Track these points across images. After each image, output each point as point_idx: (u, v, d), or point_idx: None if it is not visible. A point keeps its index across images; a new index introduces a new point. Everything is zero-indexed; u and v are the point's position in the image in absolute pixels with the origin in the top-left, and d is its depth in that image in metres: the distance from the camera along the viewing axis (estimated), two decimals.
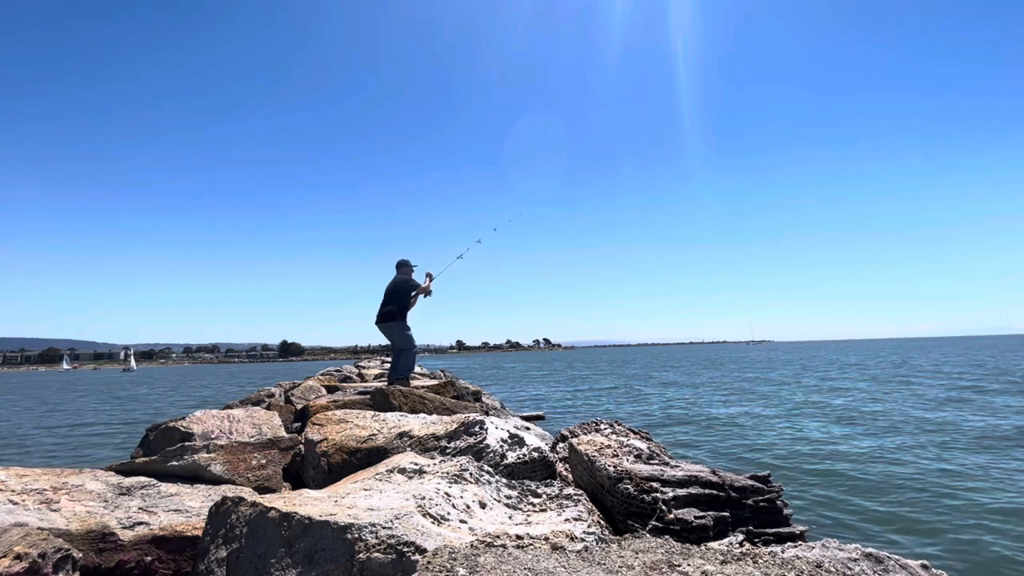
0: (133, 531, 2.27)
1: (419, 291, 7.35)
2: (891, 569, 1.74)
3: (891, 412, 12.59)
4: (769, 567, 1.58)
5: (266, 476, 3.17)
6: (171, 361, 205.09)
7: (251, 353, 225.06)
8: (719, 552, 1.71)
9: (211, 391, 30.55)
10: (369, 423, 3.42)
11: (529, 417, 7.67)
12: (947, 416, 11.70)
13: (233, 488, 2.86)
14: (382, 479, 2.35)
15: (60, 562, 1.81)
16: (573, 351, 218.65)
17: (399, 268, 7.55)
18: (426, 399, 4.85)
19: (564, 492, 2.31)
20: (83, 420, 17.14)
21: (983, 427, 10.21)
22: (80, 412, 19.84)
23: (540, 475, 3.03)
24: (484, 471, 2.43)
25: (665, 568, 1.55)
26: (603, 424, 3.98)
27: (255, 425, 4.10)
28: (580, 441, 3.16)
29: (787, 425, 11.33)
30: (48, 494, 2.41)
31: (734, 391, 19.37)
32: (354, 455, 3.07)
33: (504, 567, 1.50)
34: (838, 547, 1.88)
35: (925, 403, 14.10)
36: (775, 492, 2.60)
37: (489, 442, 3.10)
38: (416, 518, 1.86)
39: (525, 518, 2.08)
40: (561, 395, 20.70)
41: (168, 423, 4.00)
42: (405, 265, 7.57)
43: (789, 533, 2.44)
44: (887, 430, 10.27)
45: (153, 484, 2.75)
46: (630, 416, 13.74)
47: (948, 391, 16.76)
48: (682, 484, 2.55)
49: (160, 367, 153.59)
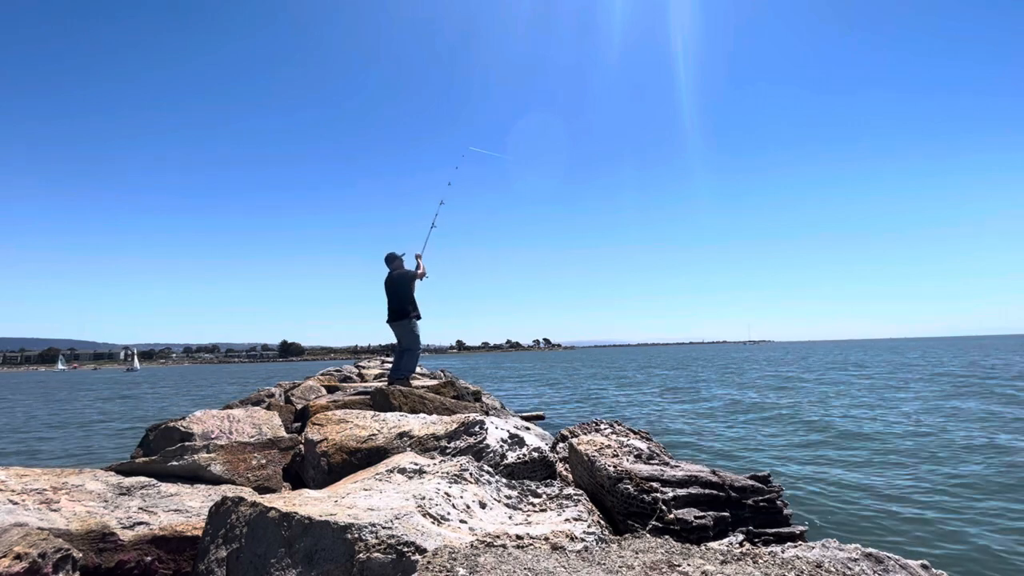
0: (133, 531, 2.27)
1: (417, 277, 7.37)
2: (891, 569, 1.74)
3: (891, 412, 12.59)
4: (769, 567, 1.58)
5: (266, 476, 3.17)
6: (171, 361, 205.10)
7: (251, 353, 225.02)
8: (719, 552, 1.71)
9: (211, 391, 30.54)
10: (369, 423, 3.42)
11: (529, 417, 7.67)
12: (947, 416, 11.70)
13: (233, 488, 2.86)
14: (382, 479, 2.35)
15: (60, 562, 1.81)
16: (573, 351, 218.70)
17: (390, 263, 7.54)
18: (426, 399, 4.86)
19: (564, 492, 2.31)
20: (84, 420, 17.14)
21: (983, 426, 10.21)
22: (81, 412, 19.83)
23: (540, 475, 3.03)
24: (484, 471, 2.43)
25: (665, 568, 1.55)
26: (603, 424, 3.98)
27: (255, 425, 4.10)
28: (580, 441, 3.16)
29: (787, 425, 11.34)
30: (48, 494, 2.41)
31: (733, 391, 19.38)
32: (354, 455, 3.07)
33: (504, 567, 1.50)
34: (838, 547, 1.88)
35: (925, 403, 14.10)
36: (775, 492, 2.60)
37: (489, 442, 3.10)
38: (416, 518, 1.86)
39: (525, 518, 2.08)
40: (561, 395, 20.70)
41: (168, 423, 4.00)
42: (395, 258, 7.56)
43: (789, 533, 2.44)
44: (887, 430, 10.27)
45: (153, 484, 2.75)
46: (630, 416, 13.74)
47: (948, 391, 16.76)
48: (682, 484, 2.55)
49: (160, 367, 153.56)
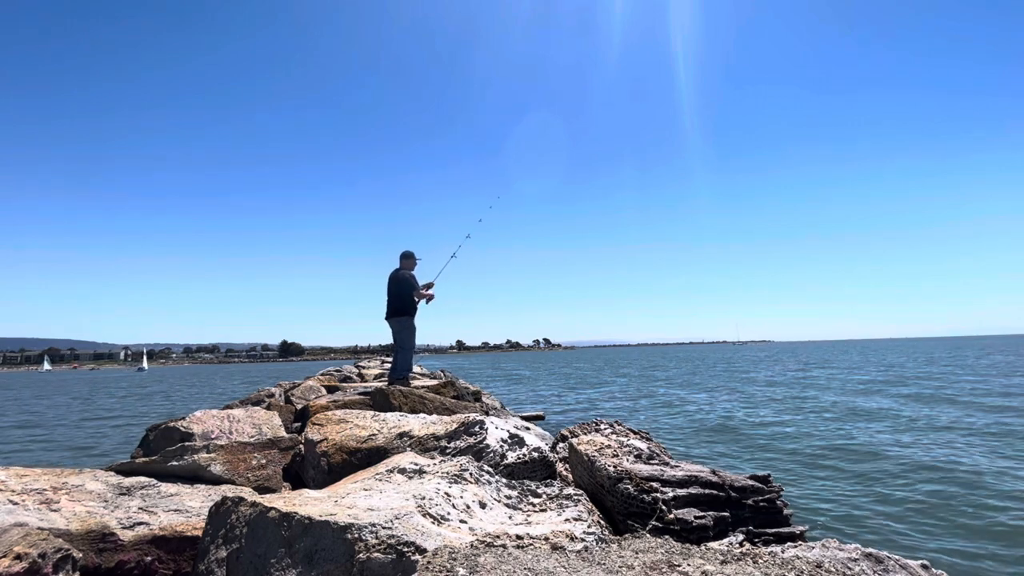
0: (133, 531, 2.27)
1: (419, 296, 7.28)
2: (891, 569, 1.74)
3: (890, 412, 12.59)
4: (769, 567, 1.58)
5: (266, 476, 3.17)
6: (171, 361, 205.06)
7: (251, 353, 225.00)
8: (719, 552, 1.71)
9: (211, 391, 30.55)
10: (369, 423, 3.42)
11: (529, 417, 7.67)
12: (947, 416, 11.70)
13: (233, 488, 2.86)
14: (382, 479, 2.35)
15: (60, 562, 1.81)
16: (573, 351, 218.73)
17: (402, 260, 7.44)
18: (426, 399, 4.86)
19: (564, 492, 2.31)
20: (85, 420, 17.14)
21: (983, 428, 10.21)
22: (81, 411, 19.84)
23: (540, 475, 3.03)
24: (484, 471, 2.43)
25: (665, 568, 1.55)
26: (603, 424, 3.99)
27: (255, 425, 4.10)
28: (580, 441, 3.16)
29: (786, 425, 11.33)
30: (48, 494, 2.41)
31: (731, 391, 19.38)
32: (354, 455, 3.07)
33: (504, 567, 1.50)
34: (838, 547, 1.88)
35: (925, 403, 14.10)
36: (775, 492, 2.60)
37: (489, 442, 3.10)
38: (416, 518, 1.86)
39: (525, 518, 2.08)
40: (561, 395, 20.70)
41: (168, 423, 4.00)
42: (409, 257, 7.45)
43: (789, 533, 2.44)
44: (886, 430, 10.27)
45: (153, 484, 2.75)
46: (630, 416, 13.74)
47: (947, 392, 16.76)
48: (682, 484, 2.55)
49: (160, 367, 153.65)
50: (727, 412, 13.66)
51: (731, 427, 11.34)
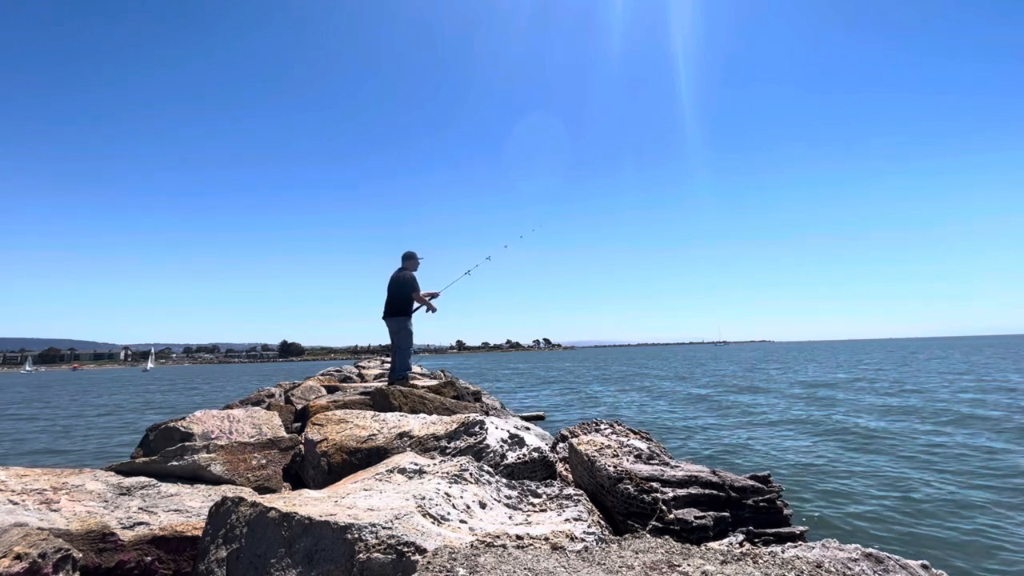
0: (133, 531, 2.27)
1: (419, 302, 7.23)
2: (891, 569, 1.74)
3: (890, 412, 12.59)
4: (769, 567, 1.58)
5: (266, 476, 3.17)
6: (171, 361, 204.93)
7: (251, 353, 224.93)
8: (719, 552, 1.71)
9: (211, 391, 30.54)
10: (369, 423, 3.42)
11: (529, 417, 7.67)
12: (947, 415, 11.70)
13: (233, 488, 2.86)
14: (382, 479, 2.35)
15: (60, 562, 1.81)
16: (573, 351, 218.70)
17: (404, 260, 7.41)
18: (426, 399, 4.86)
19: (564, 492, 2.31)
20: (85, 420, 17.14)
21: (982, 427, 10.21)
22: (82, 411, 19.84)
23: (540, 475, 3.03)
24: (484, 471, 2.43)
25: (665, 568, 1.55)
26: (603, 424, 3.98)
27: (255, 425, 4.10)
28: (580, 441, 3.16)
29: (786, 425, 11.33)
30: (48, 494, 2.41)
31: (730, 391, 19.38)
32: (354, 455, 3.07)
33: (504, 567, 1.50)
34: (838, 547, 1.88)
35: (925, 403, 14.10)
36: (775, 492, 2.60)
37: (489, 442, 3.10)
38: (416, 518, 1.86)
39: (525, 518, 2.08)
40: (561, 395, 20.70)
41: (168, 423, 4.00)
42: (410, 258, 7.40)
43: (789, 533, 2.44)
44: (886, 430, 10.27)
45: (153, 484, 2.75)
46: (630, 416, 13.74)
47: (946, 392, 16.76)
48: (682, 484, 2.55)
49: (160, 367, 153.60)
50: (727, 410, 13.66)
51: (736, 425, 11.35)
